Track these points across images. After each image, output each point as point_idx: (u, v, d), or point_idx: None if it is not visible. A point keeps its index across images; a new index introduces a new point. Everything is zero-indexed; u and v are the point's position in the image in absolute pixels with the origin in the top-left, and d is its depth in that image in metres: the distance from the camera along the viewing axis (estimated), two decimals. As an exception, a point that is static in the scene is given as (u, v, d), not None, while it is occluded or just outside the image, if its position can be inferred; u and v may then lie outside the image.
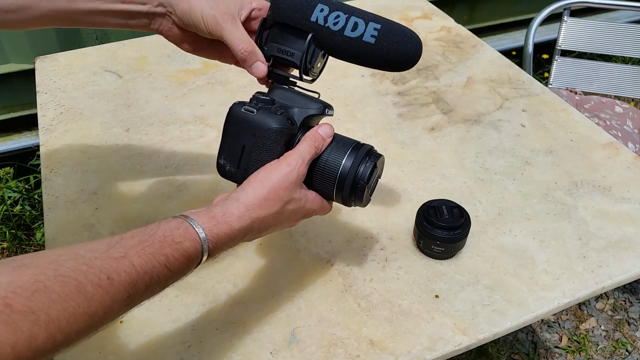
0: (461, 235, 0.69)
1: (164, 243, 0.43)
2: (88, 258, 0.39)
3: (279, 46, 0.58)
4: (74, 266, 0.37)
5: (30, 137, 1.69)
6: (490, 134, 0.92)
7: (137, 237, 0.43)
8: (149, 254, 0.42)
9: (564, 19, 1.45)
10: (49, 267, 0.36)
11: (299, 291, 0.67)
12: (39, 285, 0.35)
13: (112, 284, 0.39)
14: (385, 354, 0.61)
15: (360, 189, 0.56)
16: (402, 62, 0.57)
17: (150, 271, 0.41)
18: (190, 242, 0.45)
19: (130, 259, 0.40)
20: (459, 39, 1.17)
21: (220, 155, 0.57)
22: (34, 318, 0.34)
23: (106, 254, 0.40)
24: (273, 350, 0.61)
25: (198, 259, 0.46)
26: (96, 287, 0.38)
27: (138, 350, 0.60)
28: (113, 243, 0.41)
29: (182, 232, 0.45)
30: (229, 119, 0.55)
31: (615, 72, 1.47)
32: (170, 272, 0.43)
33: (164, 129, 0.92)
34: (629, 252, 0.73)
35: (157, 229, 0.44)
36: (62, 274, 0.36)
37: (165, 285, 0.44)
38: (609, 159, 0.87)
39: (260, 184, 0.51)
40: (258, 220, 0.50)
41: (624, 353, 1.46)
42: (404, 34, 0.57)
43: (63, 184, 0.81)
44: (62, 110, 0.95)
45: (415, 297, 0.67)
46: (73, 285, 0.36)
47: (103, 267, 0.39)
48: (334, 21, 0.56)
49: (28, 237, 1.66)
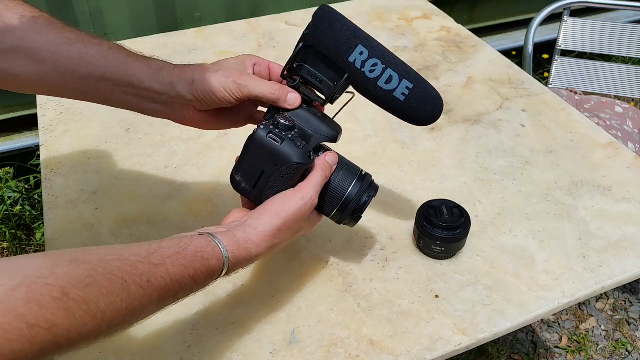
0: (461, 235, 0.69)
1: (195, 258, 0.48)
2: (132, 261, 0.43)
3: (309, 69, 0.59)
4: (120, 266, 0.42)
5: (30, 137, 1.69)
6: (490, 134, 0.92)
7: (173, 249, 0.48)
8: (181, 265, 0.47)
9: (564, 19, 1.45)
10: (99, 265, 0.41)
11: (299, 291, 0.67)
12: (90, 280, 0.39)
13: (151, 286, 0.44)
14: (385, 354, 0.61)
15: (358, 217, 0.61)
16: (422, 121, 0.62)
17: (180, 280, 0.46)
18: (216, 260, 0.50)
19: (167, 267, 0.46)
20: (459, 39, 1.17)
21: (237, 172, 0.59)
22: (86, 307, 0.38)
23: (147, 259, 0.45)
24: (273, 350, 0.61)
25: (217, 275, 0.51)
26: (138, 287, 0.42)
27: (138, 350, 0.60)
28: (152, 250, 0.46)
29: (211, 250, 0.50)
30: (253, 142, 0.57)
31: (615, 72, 1.47)
32: (195, 284, 0.48)
33: (164, 129, 0.92)
34: (629, 252, 0.73)
35: (189, 244, 0.49)
36: (110, 272, 0.41)
37: (188, 295, 0.49)
38: (609, 159, 0.87)
39: (277, 216, 0.55)
40: (271, 247, 0.55)
41: (624, 353, 1.46)
42: (431, 97, 0.60)
43: (63, 184, 0.81)
44: (62, 110, 0.95)
45: (415, 297, 0.67)
46: (119, 283, 0.41)
47: (145, 270, 0.44)
48: (370, 68, 0.58)
49: (28, 237, 1.66)
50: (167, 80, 0.59)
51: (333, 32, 0.57)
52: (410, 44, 1.15)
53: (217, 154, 0.87)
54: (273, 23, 1.21)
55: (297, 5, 1.30)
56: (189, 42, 1.14)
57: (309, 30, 0.58)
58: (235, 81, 0.58)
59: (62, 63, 0.56)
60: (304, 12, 1.25)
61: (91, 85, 0.58)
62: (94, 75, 0.57)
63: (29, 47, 0.55)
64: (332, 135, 0.59)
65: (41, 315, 0.35)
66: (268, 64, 0.63)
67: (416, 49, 1.13)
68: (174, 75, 0.59)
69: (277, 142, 0.56)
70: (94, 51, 0.57)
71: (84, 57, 0.56)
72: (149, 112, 0.61)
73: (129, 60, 0.58)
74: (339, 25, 0.58)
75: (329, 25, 0.58)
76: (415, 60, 1.10)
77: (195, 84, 0.59)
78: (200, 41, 1.15)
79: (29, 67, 0.55)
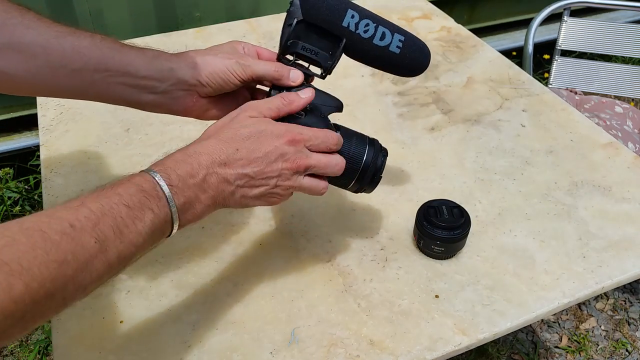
0: (461, 235, 0.69)
1: (115, 185, 0.45)
2: (49, 212, 0.40)
3: (303, 44, 0.60)
4: (36, 219, 0.39)
5: (30, 137, 1.69)
6: (490, 134, 0.92)
7: (94, 192, 0.44)
8: (104, 197, 0.43)
9: (564, 19, 1.45)
10: (12, 224, 0.38)
11: (299, 291, 0.67)
12: (6, 240, 0.36)
13: (75, 230, 0.40)
14: (385, 354, 0.61)
15: (378, 179, 0.62)
16: (416, 69, 0.65)
17: (109, 212, 0.42)
18: (139, 176, 0.47)
19: (88, 205, 0.42)
20: (459, 39, 1.17)
21: None
22: (7, 269, 0.35)
23: (65, 205, 0.41)
24: (273, 350, 0.61)
25: (157, 193, 0.46)
26: (60, 235, 0.39)
27: (138, 350, 0.60)
28: (73, 199, 0.43)
29: (138, 175, 0.47)
30: None
31: (615, 72, 1.47)
32: (131, 210, 0.44)
33: (164, 129, 0.92)
34: (629, 252, 0.73)
35: (113, 183, 0.46)
36: (25, 227, 0.38)
37: (138, 231, 0.44)
38: (609, 159, 0.87)
39: (216, 125, 0.54)
40: (212, 150, 0.51)
41: (624, 353, 1.46)
42: (420, 45, 0.64)
43: (63, 184, 0.81)
44: (62, 110, 0.95)
45: (415, 297, 0.67)
46: (38, 236, 0.38)
47: (63, 216, 0.40)
48: (364, 29, 0.60)
49: (28, 237, 1.66)
50: (165, 67, 0.57)
51: (323, 1, 0.59)
52: (410, 44, 1.14)
53: (217, 154, 0.87)
54: (273, 23, 1.21)
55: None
56: (189, 42, 1.14)
57: (295, 6, 0.59)
58: (238, 62, 0.58)
59: (55, 56, 0.54)
60: (304, 12, 1.25)
61: (86, 78, 0.55)
62: (88, 67, 0.55)
63: (19, 41, 0.53)
64: (338, 104, 0.61)
65: None
66: (256, 49, 0.63)
67: (416, 49, 1.13)
68: (172, 61, 0.58)
69: (300, 116, 0.57)
70: (87, 42, 0.55)
71: (77, 49, 0.54)
72: (149, 107, 0.60)
73: (124, 49, 0.57)
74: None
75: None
76: (415, 60, 1.10)
77: (198, 67, 0.58)
78: (200, 41, 1.15)
79: (21, 63, 0.53)
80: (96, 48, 0.55)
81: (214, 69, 0.58)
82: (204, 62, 0.58)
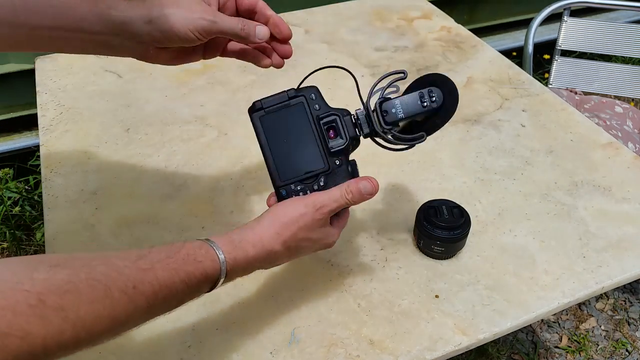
0: (461, 235, 0.69)
1: (187, 260, 0.46)
2: (118, 266, 0.41)
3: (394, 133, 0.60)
4: (104, 271, 0.40)
5: (30, 137, 1.69)
6: (490, 134, 0.92)
7: (163, 253, 0.45)
8: (172, 269, 0.44)
9: (564, 19, 1.45)
10: (82, 270, 0.39)
11: (299, 291, 0.67)
12: (70, 286, 0.37)
13: (137, 292, 0.41)
14: (385, 354, 0.61)
15: None
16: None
17: (170, 286, 0.44)
18: (210, 262, 0.48)
19: (156, 272, 0.43)
20: (459, 39, 1.17)
21: None
22: (63, 315, 0.36)
23: (135, 264, 0.42)
24: (273, 350, 0.61)
25: (215, 279, 0.49)
26: (122, 294, 0.40)
27: (138, 350, 0.60)
28: (142, 254, 0.44)
29: (204, 252, 0.48)
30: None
31: (615, 72, 1.47)
32: (187, 289, 0.46)
33: (164, 129, 0.92)
34: (629, 252, 0.72)
35: (182, 248, 0.47)
36: (93, 278, 0.39)
37: (182, 301, 0.47)
38: (609, 159, 0.87)
39: (277, 219, 0.53)
40: (272, 252, 0.52)
41: (624, 353, 1.46)
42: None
43: (63, 184, 0.81)
44: (62, 110, 0.95)
45: (415, 297, 0.66)
46: (101, 290, 0.39)
47: (131, 275, 0.41)
48: None
49: (28, 237, 1.66)
50: (118, 21, 0.53)
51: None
52: (410, 44, 1.14)
53: (217, 154, 0.87)
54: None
55: (297, 5, 1.30)
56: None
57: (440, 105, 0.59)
58: (201, 18, 0.53)
59: (6, 16, 0.51)
60: (304, 12, 1.25)
61: (44, 35, 0.53)
62: (43, 25, 0.52)
63: None
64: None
65: (15, 324, 0.34)
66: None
67: (416, 49, 1.13)
68: (126, 12, 0.53)
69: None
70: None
71: (29, 6, 0.51)
72: (111, 54, 0.57)
73: (76, 2, 0.53)
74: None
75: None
76: (415, 60, 1.10)
77: (152, 23, 0.53)
78: (200, 41, 1.15)
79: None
80: (49, 6, 0.52)
81: (170, 27, 0.52)
82: (161, 17, 0.52)
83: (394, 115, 0.57)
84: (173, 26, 0.53)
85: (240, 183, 0.82)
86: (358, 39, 1.15)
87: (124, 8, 0.53)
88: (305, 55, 1.10)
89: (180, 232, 0.74)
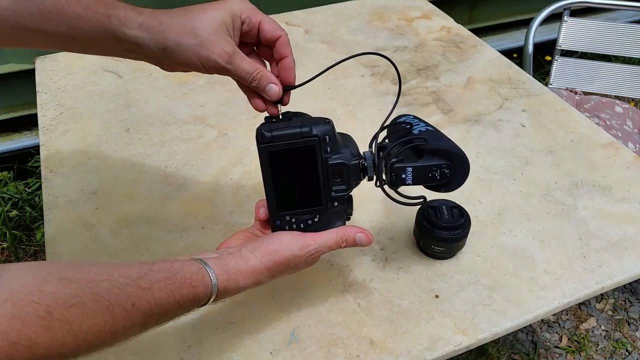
0: (461, 235, 0.69)
1: (183, 284, 0.48)
2: (121, 283, 0.43)
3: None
4: (108, 288, 0.42)
5: (30, 137, 1.69)
6: (490, 134, 0.92)
7: (162, 273, 0.47)
8: (169, 291, 0.47)
9: (564, 19, 1.45)
10: (87, 285, 0.41)
11: (299, 291, 0.67)
12: (77, 300, 0.39)
13: (135, 309, 0.44)
14: (385, 354, 0.61)
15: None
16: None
17: (165, 305, 0.47)
18: (204, 288, 0.50)
19: (154, 292, 0.46)
20: (459, 39, 1.17)
21: None
22: (68, 327, 0.38)
23: (136, 282, 0.45)
24: (273, 350, 0.61)
25: (203, 303, 0.51)
26: (122, 310, 0.42)
27: (138, 350, 0.60)
28: (143, 273, 0.46)
29: (200, 278, 0.50)
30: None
31: (615, 72, 1.47)
32: (179, 309, 0.48)
33: (164, 129, 0.92)
34: (629, 252, 0.73)
35: (180, 269, 0.49)
36: (97, 293, 0.41)
37: (171, 319, 0.49)
38: (609, 159, 0.87)
39: (269, 256, 0.55)
40: (259, 282, 0.55)
41: (624, 353, 1.46)
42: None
43: (63, 184, 0.81)
44: (62, 110, 0.95)
45: (415, 297, 0.66)
46: (105, 305, 0.41)
47: (132, 294, 0.44)
48: None
49: (28, 237, 1.66)
50: (132, 41, 0.52)
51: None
52: (410, 44, 1.15)
53: (217, 154, 0.87)
54: (273, 23, 1.21)
55: (297, 5, 1.30)
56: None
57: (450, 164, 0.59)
58: (218, 59, 0.52)
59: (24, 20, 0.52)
60: (304, 12, 1.25)
61: (62, 41, 0.54)
62: (58, 33, 0.53)
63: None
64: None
65: (23, 333, 0.35)
66: (259, 21, 0.56)
67: (416, 49, 1.13)
68: (141, 34, 0.52)
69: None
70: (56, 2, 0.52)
71: (43, 14, 0.51)
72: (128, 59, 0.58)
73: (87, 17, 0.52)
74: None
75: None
76: (415, 60, 1.10)
77: (167, 52, 0.52)
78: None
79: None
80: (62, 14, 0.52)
81: (185, 61, 0.52)
82: (176, 48, 0.52)
83: (403, 180, 0.59)
84: (187, 60, 0.53)
85: (240, 183, 0.82)
86: (358, 39, 1.15)
87: (138, 28, 0.52)
88: (306, 55, 1.10)
89: (180, 232, 0.74)
